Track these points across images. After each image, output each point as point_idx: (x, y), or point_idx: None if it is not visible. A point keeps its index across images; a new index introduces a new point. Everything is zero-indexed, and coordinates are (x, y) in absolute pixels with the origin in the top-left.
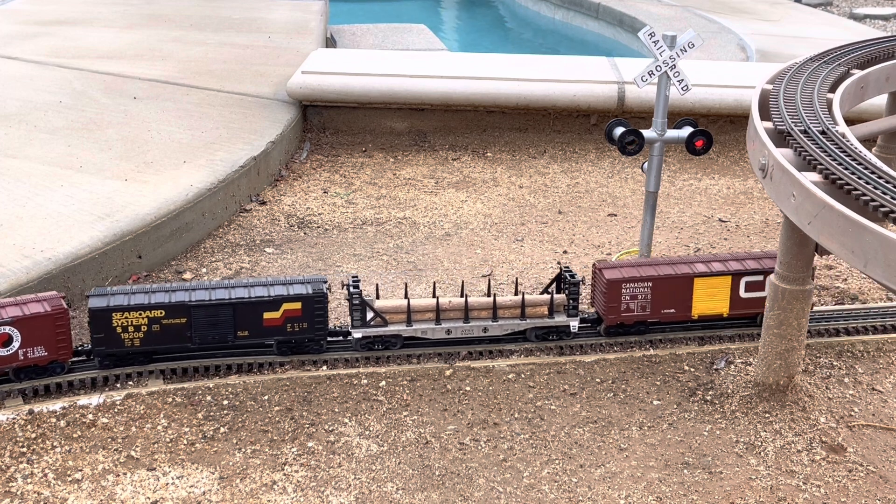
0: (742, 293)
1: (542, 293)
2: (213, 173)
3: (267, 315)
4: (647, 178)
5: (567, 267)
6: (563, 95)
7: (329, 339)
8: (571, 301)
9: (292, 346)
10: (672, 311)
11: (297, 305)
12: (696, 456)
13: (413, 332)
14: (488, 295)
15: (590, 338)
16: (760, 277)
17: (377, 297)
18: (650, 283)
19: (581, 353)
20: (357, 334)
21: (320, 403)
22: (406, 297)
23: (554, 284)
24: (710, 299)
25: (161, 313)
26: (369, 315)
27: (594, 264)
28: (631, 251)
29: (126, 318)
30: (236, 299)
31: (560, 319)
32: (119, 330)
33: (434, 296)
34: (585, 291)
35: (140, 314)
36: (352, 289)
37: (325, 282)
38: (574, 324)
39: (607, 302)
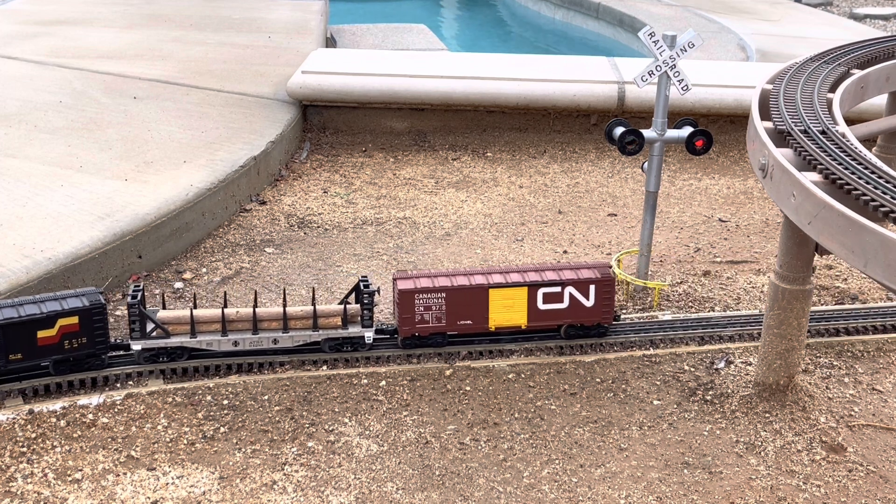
0: (540, 305)
1: (340, 303)
2: (213, 173)
3: (41, 334)
4: (647, 178)
5: (365, 277)
6: (563, 95)
7: (112, 353)
8: (366, 311)
9: (71, 365)
10: (469, 322)
11: (75, 320)
12: (696, 456)
13: (198, 343)
14: (284, 306)
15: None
16: (559, 289)
17: (163, 307)
18: (444, 294)
19: (581, 353)
20: (137, 346)
21: (320, 403)
22: (224, 306)
23: (353, 294)
24: (507, 311)
25: None
26: (150, 326)
27: (393, 275)
28: (631, 251)
29: None
30: (4, 320)
31: (355, 330)
32: None
33: (255, 305)
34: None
35: None
36: (130, 299)
37: (102, 292)
38: (369, 334)
39: (401, 313)
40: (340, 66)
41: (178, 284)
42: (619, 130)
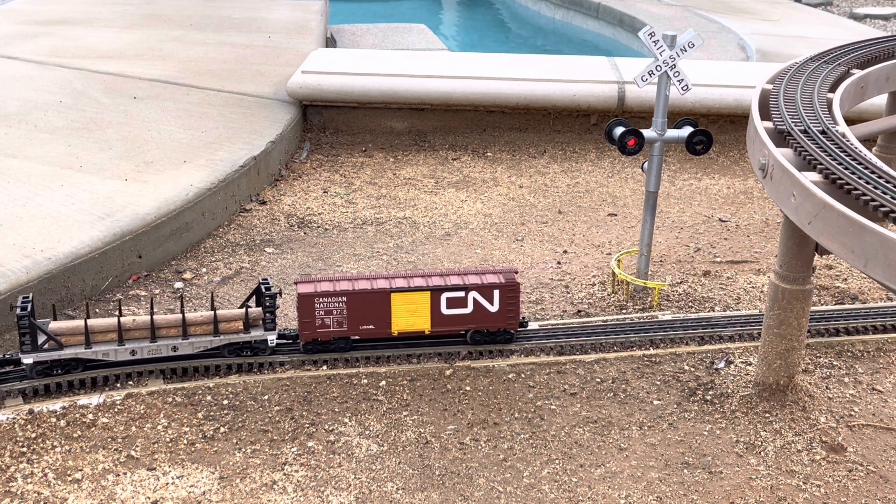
0: (444, 310)
1: (241, 307)
2: (213, 173)
3: None
4: (647, 178)
5: (266, 279)
6: (563, 95)
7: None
8: (268, 314)
9: None
10: (371, 327)
11: None
12: (696, 456)
13: (93, 354)
14: (182, 311)
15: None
16: (462, 294)
17: (54, 318)
18: (345, 299)
19: (581, 352)
20: (28, 360)
21: (320, 403)
22: (119, 315)
23: (253, 298)
24: (410, 315)
25: None
26: (42, 338)
27: (294, 279)
28: (631, 251)
29: None
30: None
31: (257, 334)
32: None
33: (151, 312)
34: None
35: None
36: (19, 311)
37: None
38: (272, 337)
39: (301, 317)
40: (340, 66)
41: (178, 284)
42: (619, 130)
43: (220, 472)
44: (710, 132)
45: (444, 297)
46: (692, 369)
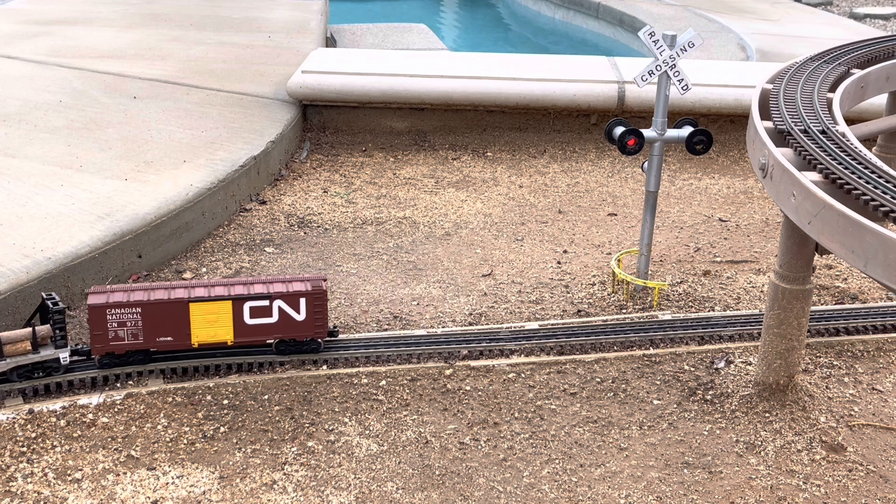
0: (247, 320)
1: (26, 325)
2: (213, 173)
3: None
4: (647, 178)
5: (50, 294)
6: (563, 95)
7: None
8: (58, 331)
9: None
10: (169, 339)
11: None
12: (696, 455)
13: None
14: None
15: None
16: (267, 303)
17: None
18: (140, 309)
19: (581, 352)
20: None
21: (320, 403)
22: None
23: (38, 314)
24: (211, 326)
25: None
26: None
27: (86, 290)
28: (631, 251)
29: None
30: None
31: (47, 353)
32: None
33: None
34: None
35: None
36: None
37: None
38: (64, 356)
39: (93, 330)
40: (340, 65)
41: None
42: (619, 130)
43: (220, 472)
44: (710, 132)
45: (247, 306)
46: (692, 369)
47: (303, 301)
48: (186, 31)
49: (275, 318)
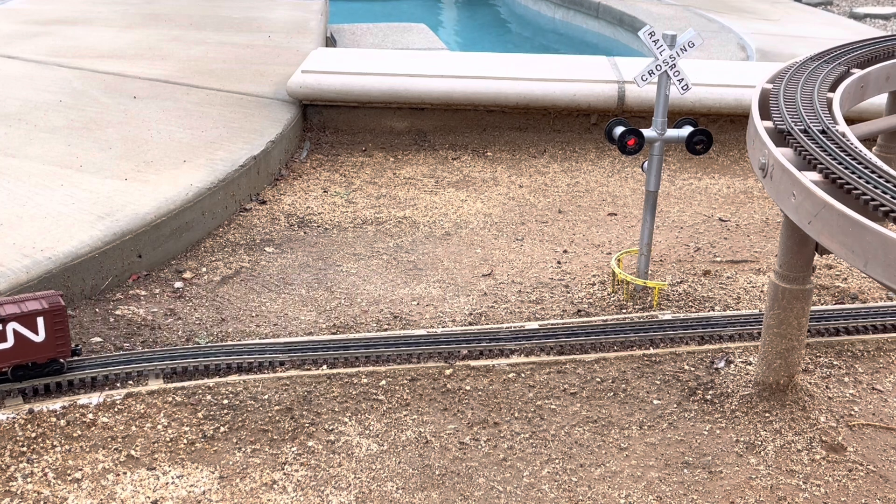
0: None
1: None
2: (213, 172)
3: None
4: (647, 178)
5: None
6: (563, 95)
7: None
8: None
9: None
10: None
11: None
12: (696, 455)
13: None
14: None
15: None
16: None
17: None
18: None
19: (581, 352)
20: None
21: (320, 403)
22: None
23: None
24: None
25: None
26: None
27: None
28: (631, 251)
29: None
30: None
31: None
32: None
33: None
34: None
35: None
36: None
37: None
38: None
39: None
40: (340, 65)
41: (178, 284)
42: (618, 130)
43: (220, 472)
44: (710, 132)
45: None
46: (692, 369)
47: (40, 320)
48: (186, 31)
49: (10, 342)
